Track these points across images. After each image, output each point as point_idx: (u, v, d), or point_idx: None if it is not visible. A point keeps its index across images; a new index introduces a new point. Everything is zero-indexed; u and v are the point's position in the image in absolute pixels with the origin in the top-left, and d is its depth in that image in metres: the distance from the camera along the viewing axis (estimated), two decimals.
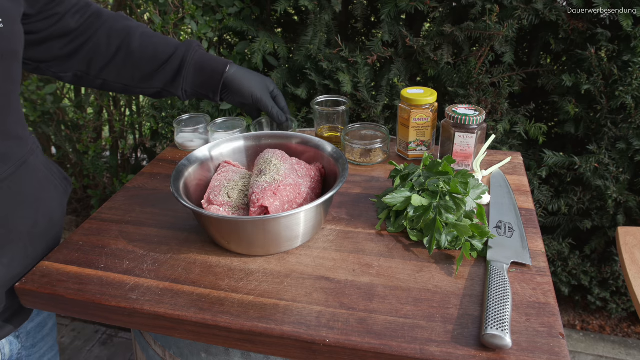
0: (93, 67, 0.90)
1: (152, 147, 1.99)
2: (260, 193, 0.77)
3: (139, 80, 0.93)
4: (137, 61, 0.91)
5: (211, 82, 0.94)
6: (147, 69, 0.91)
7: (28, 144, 0.80)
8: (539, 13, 1.35)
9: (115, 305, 0.70)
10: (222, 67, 0.93)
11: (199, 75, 0.93)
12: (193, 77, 0.93)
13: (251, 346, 0.67)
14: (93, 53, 0.89)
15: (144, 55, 0.90)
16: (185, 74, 0.92)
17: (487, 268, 0.73)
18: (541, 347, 0.61)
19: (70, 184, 0.92)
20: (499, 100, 1.41)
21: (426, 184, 0.82)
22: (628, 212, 1.52)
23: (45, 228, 0.82)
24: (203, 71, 0.93)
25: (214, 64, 0.93)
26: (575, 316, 1.85)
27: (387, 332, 0.64)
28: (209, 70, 0.93)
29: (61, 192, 0.88)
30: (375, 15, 1.63)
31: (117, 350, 1.82)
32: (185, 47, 0.93)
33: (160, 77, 0.92)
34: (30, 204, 0.79)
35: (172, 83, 0.93)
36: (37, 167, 0.81)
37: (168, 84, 0.93)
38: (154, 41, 0.92)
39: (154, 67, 0.91)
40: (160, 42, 0.92)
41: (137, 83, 0.93)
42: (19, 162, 0.76)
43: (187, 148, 1.15)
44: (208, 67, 0.93)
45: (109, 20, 0.90)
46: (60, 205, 0.87)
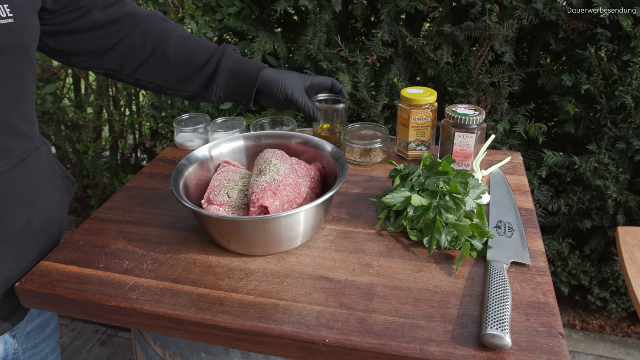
0: (126, 67, 0.89)
1: (152, 147, 1.99)
2: (260, 193, 0.77)
3: (173, 84, 0.92)
4: (172, 65, 0.90)
5: (245, 88, 0.92)
6: (182, 74, 0.90)
7: (33, 141, 0.79)
8: (539, 13, 1.35)
9: (115, 305, 0.70)
10: (256, 73, 0.91)
11: (232, 81, 0.92)
12: (227, 83, 0.92)
13: (251, 346, 0.67)
14: (127, 53, 0.88)
15: (179, 60, 0.89)
16: (219, 81, 0.91)
17: (487, 268, 0.73)
18: (541, 347, 0.61)
19: (74, 185, 0.92)
20: (499, 100, 1.41)
21: (426, 184, 0.82)
22: (628, 212, 1.52)
23: (41, 227, 0.81)
24: (237, 77, 0.91)
25: (248, 70, 0.91)
26: (575, 316, 1.85)
27: (387, 332, 0.64)
28: (242, 76, 0.91)
29: (62, 192, 0.87)
30: (375, 15, 1.63)
31: (117, 350, 1.82)
32: (221, 52, 0.91)
33: (195, 83, 0.91)
34: (26, 201, 0.78)
35: (206, 89, 0.92)
36: (39, 165, 0.80)
37: (202, 90, 0.92)
38: (189, 45, 0.90)
39: (188, 72, 0.90)
40: (197, 46, 0.91)
41: (170, 86, 0.92)
42: (19, 158, 0.75)
43: (187, 148, 1.15)
44: (242, 74, 0.91)
45: (145, 21, 0.89)
46: (61, 205, 0.86)
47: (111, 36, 0.87)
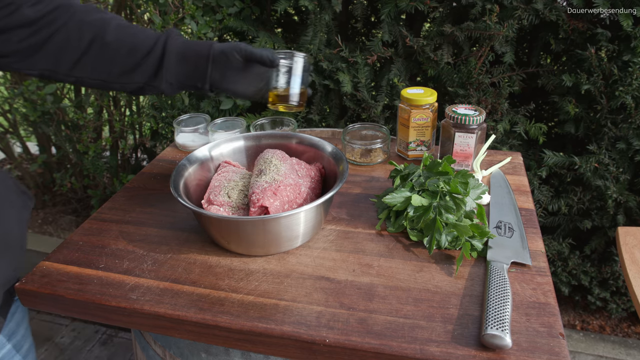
0: (63, 63, 0.82)
1: (152, 147, 1.99)
2: (260, 193, 0.77)
3: (118, 75, 0.84)
4: (114, 55, 0.83)
5: (197, 68, 0.85)
6: (126, 63, 0.84)
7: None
8: (539, 13, 1.35)
9: (115, 305, 0.70)
10: (206, 48, 0.84)
11: (182, 63, 0.84)
12: (176, 66, 0.84)
13: (251, 346, 0.67)
14: (62, 47, 0.81)
15: (121, 48, 0.83)
16: (167, 65, 0.84)
17: (487, 268, 0.73)
18: (541, 347, 0.61)
19: (30, 198, 0.87)
20: (499, 100, 1.41)
21: (426, 184, 0.82)
22: (628, 212, 1.52)
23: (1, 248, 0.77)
24: (186, 58, 0.84)
25: (197, 47, 0.85)
26: (575, 316, 1.85)
27: (387, 332, 0.64)
28: (192, 55, 0.84)
29: (19, 208, 0.83)
30: (375, 15, 1.63)
31: (117, 350, 1.82)
32: (166, 36, 0.85)
33: (142, 71, 0.84)
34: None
35: (155, 76, 0.84)
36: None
37: (151, 78, 0.85)
38: (131, 32, 0.84)
39: (133, 61, 0.84)
40: (138, 33, 0.85)
41: (115, 78, 0.85)
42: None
43: (187, 148, 1.15)
44: (191, 53, 0.84)
45: (80, 12, 0.83)
46: (19, 223, 0.82)
47: (43, 30, 0.80)
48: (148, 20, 1.70)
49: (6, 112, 2.20)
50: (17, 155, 2.50)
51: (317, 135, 1.17)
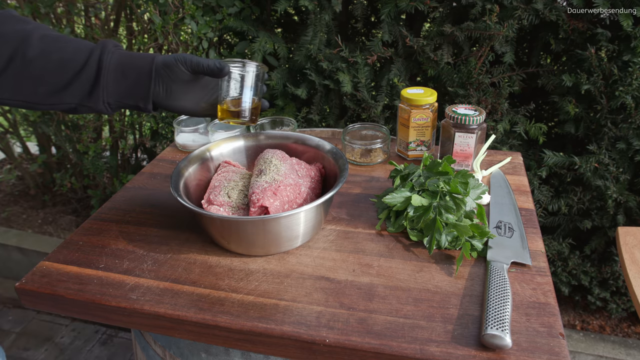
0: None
1: (152, 147, 1.99)
2: (260, 193, 0.77)
3: (45, 96, 0.73)
4: (39, 72, 0.72)
5: (138, 85, 0.75)
6: (54, 82, 0.73)
7: None
8: (539, 13, 1.35)
9: (115, 305, 0.70)
10: (148, 62, 0.75)
11: (122, 80, 0.74)
12: (115, 84, 0.74)
13: (251, 346, 0.67)
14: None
15: (47, 65, 0.72)
16: (104, 83, 0.73)
17: (487, 268, 0.73)
18: (541, 347, 0.61)
19: None
20: (499, 100, 1.41)
21: (426, 184, 0.82)
22: (628, 212, 1.52)
23: None
24: (126, 74, 0.74)
25: (138, 61, 0.75)
26: (575, 316, 1.85)
27: (387, 332, 0.64)
28: (133, 71, 0.75)
29: None
30: (375, 15, 1.63)
31: (117, 350, 1.82)
32: (100, 48, 0.74)
33: (74, 91, 0.73)
34: None
35: (90, 96, 0.74)
36: None
37: (85, 98, 0.74)
38: (59, 45, 0.73)
39: (63, 79, 0.73)
40: (68, 45, 0.73)
41: (42, 99, 0.73)
42: None
43: (187, 148, 1.15)
44: (131, 68, 0.75)
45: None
46: None
47: None
48: (148, 20, 1.70)
49: (6, 112, 2.20)
50: (17, 155, 2.50)
51: (317, 135, 1.17)
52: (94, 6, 1.85)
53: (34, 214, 2.36)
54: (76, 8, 1.84)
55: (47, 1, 1.69)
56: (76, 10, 1.84)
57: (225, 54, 1.72)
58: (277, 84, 1.60)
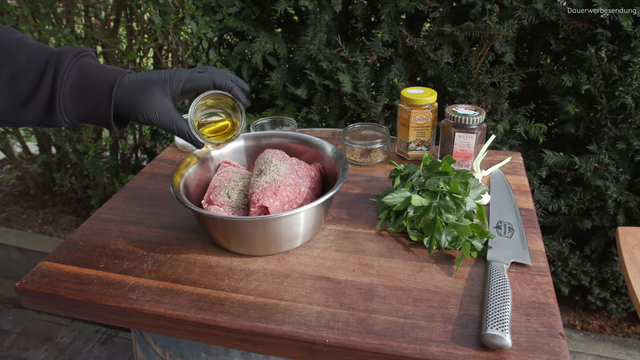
0: None
1: (152, 147, 1.99)
2: (260, 193, 0.77)
3: (3, 115, 0.66)
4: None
5: (97, 113, 0.68)
6: (8, 101, 0.65)
7: None
8: (539, 13, 1.35)
9: (115, 305, 0.70)
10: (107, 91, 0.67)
11: (80, 103, 0.67)
12: (73, 106, 0.67)
13: (251, 346, 0.67)
14: None
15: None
16: (61, 106, 0.66)
17: (487, 268, 0.73)
18: (541, 347, 0.61)
19: None
20: (499, 100, 1.41)
21: (426, 184, 0.82)
22: (628, 212, 1.52)
23: None
24: (84, 98, 0.67)
25: (97, 85, 0.67)
26: (575, 316, 1.85)
27: (387, 332, 0.64)
28: (90, 95, 0.67)
29: None
30: (375, 15, 1.63)
31: (117, 350, 1.82)
32: (54, 65, 0.65)
33: (32, 110, 0.66)
34: None
35: (50, 116, 0.67)
36: None
37: (45, 118, 0.67)
38: (9, 58, 0.65)
39: (17, 98, 0.65)
40: (19, 58, 0.65)
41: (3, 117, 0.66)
42: None
43: (187, 148, 1.15)
44: (89, 92, 0.67)
45: None
46: None
47: None
48: (148, 20, 1.70)
49: None
50: (17, 155, 2.50)
51: (317, 135, 1.17)
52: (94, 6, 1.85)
53: (34, 214, 2.36)
54: (76, 8, 1.84)
55: (47, 1, 1.69)
56: (76, 10, 1.84)
57: (225, 53, 1.72)
58: (277, 84, 1.60)
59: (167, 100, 0.71)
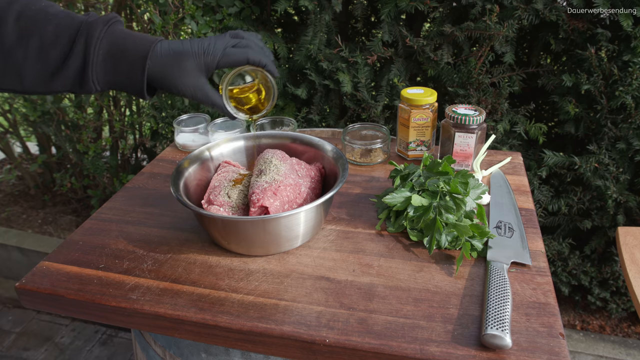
0: None
1: (152, 147, 1.99)
2: (260, 193, 0.77)
3: (31, 86, 0.66)
4: (20, 63, 0.64)
5: (131, 81, 0.68)
6: (37, 73, 0.65)
7: None
8: (539, 13, 1.35)
9: (115, 305, 0.70)
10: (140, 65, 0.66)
11: (111, 72, 0.67)
12: (105, 75, 0.67)
13: (251, 346, 0.67)
14: None
15: (27, 55, 0.64)
16: (93, 74, 0.66)
17: (487, 268, 0.73)
18: (541, 347, 0.61)
19: None
20: (499, 100, 1.41)
21: (426, 184, 0.82)
22: (628, 212, 1.52)
23: None
24: (116, 66, 0.66)
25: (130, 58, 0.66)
26: (575, 316, 1.85)
27: (387, 332, 0.64)
28: (123, 64, 0.66)
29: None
30: (375, 15, 1.63)
31: (117, 350, 1.82)
32: (85, 35, 0.64)
33: (61, 80, 0.66)
34: None
35: (81, 85, 0.67)
36: None
37: (75, 87, 0.67)
38: (38, 28, 0.64)
39: (46, 70, 0.65)
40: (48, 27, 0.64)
41: (28, 89, 0.67)
42: None
43: (187, 148, 1.15)
44: (122, 61, 0.66)
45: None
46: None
47: None
48: (148, 20, 1.70)
49: (6, 112, 2.20)
50: (17, 155, 2.50)
51: (317, 135, 1.17)
52: (94, 6, 1.85)
53: (34, 214, 2.36)
54: (76, 8, 1.84)
55: None
56: (76, 10, 1.84)
57: None
58: (277, 84, 1.60)
59: (201, 76, 0.70)
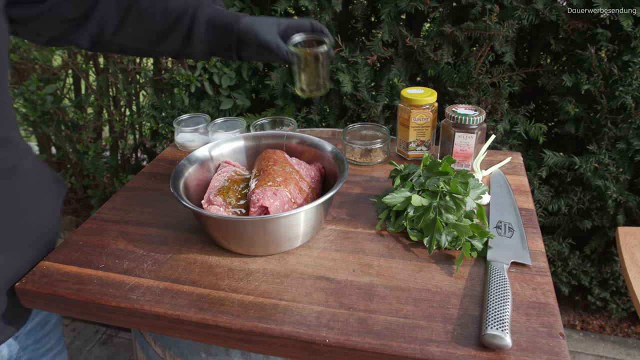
0: (107, 31, 0.85)
1: (152, 147, 1.99)
2: (260, 193, 0.77)
3: (154, 43, 0.87)
4: (149, 20, 0.85)
5: (225, 40, 0.86)
6: (159, 30, 0.85)
7: (19, 147, 0.77)
8: (539, 13, 1.35)
9: (115, 305, 0.70)
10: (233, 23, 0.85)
11: (212, 34, 0.86)
12: (206, 36, 0.86)
13: (251, 346, 0.67)
14: (104, 15, 0.84)
15: (155, 14, 0.84)
16: (196, 35, 0.85)
17: (487, 268, 0.73)
18: (541, 347, 0.61)
19: (64, 186, 0.89)
20: (499, 100, 1.41)
21: (426, 184, 0.82)
22: (628, 212, 1.52)
23: (37, 235, 0.81)
24: (215, 30, 0.85)
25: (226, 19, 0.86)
26: (575, 316, 1.85)
27: (387, 332, 0.64)
28: (220, 28, 0.85)
29: (54, 197, 0.85)
30: (375, 15, 1.63)
31: (117, 350, 1.82)
32: (195, 4, 0.85)
33: (173, 39, 0.86)
34: (21, 212, 0.76)
35: (187, 44, 0.86)
36: (27, 173, 0.78)
37: (182, 46, 0.87)
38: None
39: (165, 28, 0.85)
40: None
41: (152, 46, 0.87)
42: (7, 169, 0.73)
43: (187, 148, 1.15)
44: (220, 25, 0.85)
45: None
46: (53, 210, 0.85)
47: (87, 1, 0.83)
48: None
49: None
50: None
51: (317, 135, 1.17)
52: None
53: None
54: None
55: None
56: None
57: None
58: (277, 84, 1.60)
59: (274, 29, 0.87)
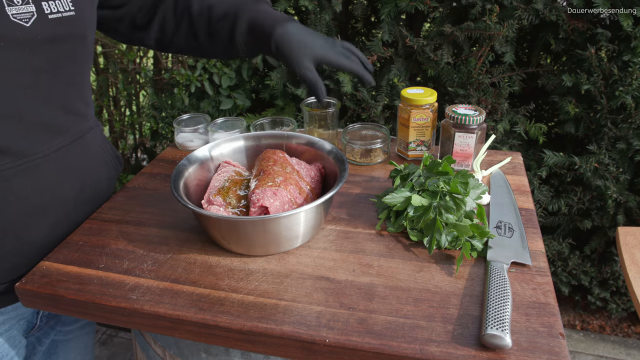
0: (167, 33, 0.95)
1: (152, 147, 1.99)
2: (260, 193, 0.77)
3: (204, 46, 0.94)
4: (196, 28, 0.92)
5: (264, 48, 0.89)
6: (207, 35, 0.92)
7: (88, 121, 0.89)
8: (539, 13, 1.35)
9: (115, 305, 0.70)
10: (270, 29, 0.86)
11: (251, 37, 0.89)
12: (247, 39, 0.90)
13: (251, 346, 0.67)
14: (163, 19, 0.94)
15: (201, 23, 0.92)
16: (238, 39, 0.89)
17: (487, 268, 0.73)
18: (541, 347, 0.61)
19: (121, 163, 1.02)
20: (499, 100, 1.41)
21: (426, 184, 0.82)
22: (628, 212, 1.52)
23: (90, 196, 0.91)
24: (254, 33, 0.89)
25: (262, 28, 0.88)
26: (575, 316, 1.85)
27: (387, 332, 0.64)
28: (259, 32, 0.88)
29: (110, 168, 0.96)
30: (375, 15, 1.63)
31: (117, 350, 1.82)
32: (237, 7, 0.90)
33: (219, 43, 0.92)
34: (80, 174, 0.87)
35: (232, 48, 0.92)
36: (92, 143, 0.90)
37: (228, 49, 0.92)
38: (211, 3, 0.91)
39: (211, 34, 0.91)
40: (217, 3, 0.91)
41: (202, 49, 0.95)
42: (75, 136, 0.85)
43: (187, 148, 1.15)
44: (259, 29, 0.88)
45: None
46: (108, 179, 0.96)
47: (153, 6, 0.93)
48: None
49: None
50: None
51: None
52: None
53: None
54: None
55: None
56: None
57: None
58: (277, 84, 1.60)
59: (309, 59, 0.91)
